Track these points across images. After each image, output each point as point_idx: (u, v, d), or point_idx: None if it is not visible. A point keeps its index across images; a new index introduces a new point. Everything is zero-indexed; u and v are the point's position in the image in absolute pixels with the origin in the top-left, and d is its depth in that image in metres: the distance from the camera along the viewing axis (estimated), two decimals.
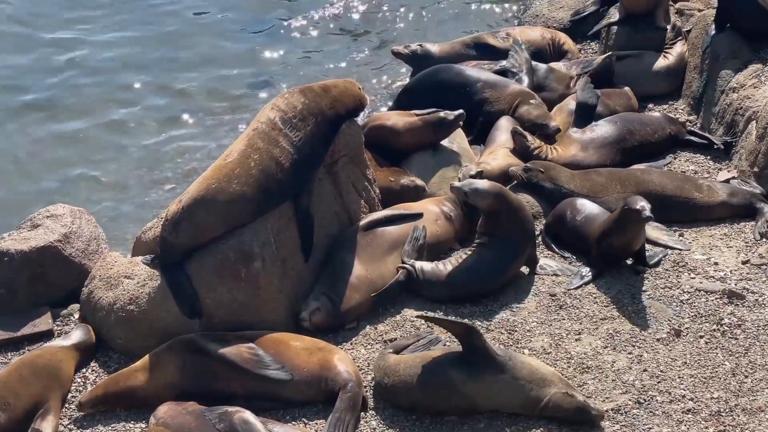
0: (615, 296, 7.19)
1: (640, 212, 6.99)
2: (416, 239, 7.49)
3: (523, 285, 7.40)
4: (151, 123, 11.16)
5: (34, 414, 6.47)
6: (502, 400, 6.14)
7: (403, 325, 7.06)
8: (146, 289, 7.03)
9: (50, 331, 7.28)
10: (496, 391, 6.12)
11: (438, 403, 6.24)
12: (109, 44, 12.87)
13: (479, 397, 6.15)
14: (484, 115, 9.37)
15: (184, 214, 6.91)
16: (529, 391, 6.07)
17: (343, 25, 13.19)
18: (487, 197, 7.29)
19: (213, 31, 13.13)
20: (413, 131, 8.72)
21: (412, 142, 8.75)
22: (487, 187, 7.31)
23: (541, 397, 6.05)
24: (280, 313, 7.08)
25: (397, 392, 6.35)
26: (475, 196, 7.31)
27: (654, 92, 10.01)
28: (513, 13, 12.94)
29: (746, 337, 6.71)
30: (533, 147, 8.76)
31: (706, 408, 6.14)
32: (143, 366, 6.63)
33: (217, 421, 6.03)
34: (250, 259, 6.94)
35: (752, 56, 9.11)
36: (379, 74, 11.73)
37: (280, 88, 11.00)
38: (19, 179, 10.25)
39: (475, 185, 7.35)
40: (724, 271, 7.37)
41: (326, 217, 7.50)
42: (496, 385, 6.10)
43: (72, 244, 7.54)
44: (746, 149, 8.47)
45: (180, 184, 9.79)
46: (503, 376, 6.09)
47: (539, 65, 10.16)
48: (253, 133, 7.15)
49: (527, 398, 6.07)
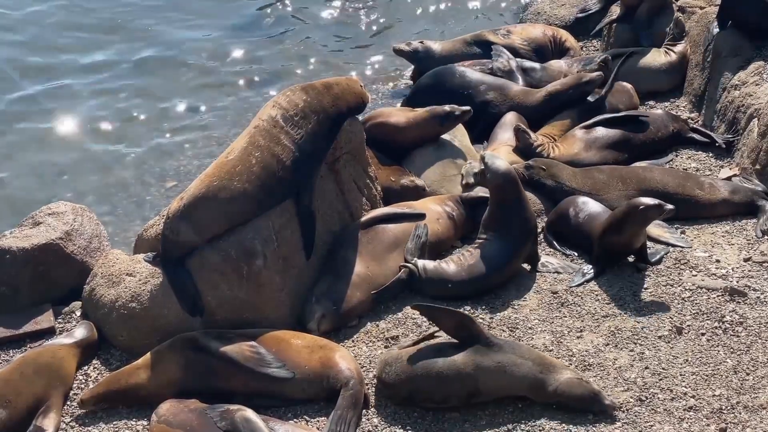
0: (617, 294, 7.19)
1: (661, 206, 7.03)
2: (418, 237, 7.49)
3: (525, 282, 7.41)
4: (153, 120, 11.15)
5: (36, 411, 6.47)
6: (507, 381, 6.12)
7: (404, 323, 7.06)
8: (148, 286, 7.03)
9: (52, 329, 7.28)
10: (501, 370, 6.10)
11: (441, 388, 6.20)
12: (109, 40, 12.86)
13: (483, 378, 6.12)
14: (488, 116, 9.38)
15: (185, 212, 6.91)
16: (537, 372, 6.07)
17: (345, 23, 13.17)
18: (500, 177, 7.32)
19: (215, 29, 13.11)
20: (418, 124, 8.72)
21: (417, 135, 8.75)
22: (504, 168, 7.37)
23: (550, 380, 6.05)
24: (281, 310, 7.08)
25: (399, 381, 6.32)
26: (492, 170, 7.34)
27: (655, 89, 10.01)
28: (512, 11, 12.91)
29: (748, 335, 6.71)
30: (536, 144, 8.77)
31: (708, 405, 6.14)
32: (145, 364, 6.62)
33: (218, 419, 6.03)
34: (252, 257, 6.95)
35: (754, 54, 9.10)
36: (380, 72, 11.73)
37: (282, 86, 10.98)
38: (20, 176, 10.24)
39: (496, 160, 7.41)
40: (726, 269, 7.37)
41: (328, 214, 7.50)
42: (501, 365, 6.10)
43: (74, 242, 7.54)
44: (748, 147, 8.47)
45: (182, 182, 9.77)
46: (508, 356, 6.11)
47: (533, 64, 10.17)
48: (255, 130, 7.15)
49: (535, 379, 6.07)
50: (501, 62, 10.03)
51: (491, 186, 7.43)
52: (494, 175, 7.37)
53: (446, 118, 8.70)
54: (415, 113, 8.81)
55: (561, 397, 6.07)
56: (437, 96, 9.36)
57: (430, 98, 9.31)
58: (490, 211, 7.44)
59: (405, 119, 8.79)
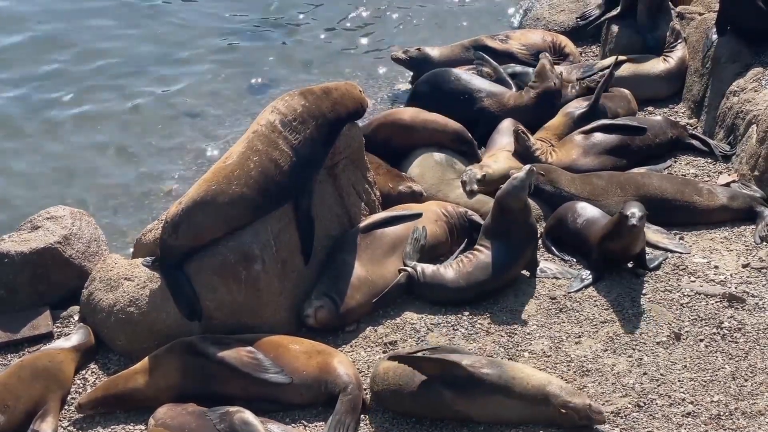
0: (615, 299, 7.19)
1: (628, 218, 7.00)
2: (417, 240, 7.49)
3: (523, 288, 7.40)
4: (151, 125, 11.15)
5: (34, 416, 6.48)
6: (497, 417, 6.11)
7: (403, 328, 7.06)
8: (146, 291, 7.03)
9: (50, 333, 7.28)
10: (490, 410, 6.09)
11: (430, 414, 6.24)
12: (108, 46, 12.87)
13: (474, 413, 6.13)
14: (485, 122, 9.38)
15: (183, 216, 6.91)
16: (523, 408, 6.04)
17: (343, 28, 13.19)
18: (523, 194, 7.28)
19: (214, 34, 13.12)
20: (434, 132, 8.85)
21: (427, 139, 8.86)
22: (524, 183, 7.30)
23: (538, 413, 6.02)
24: (280, 314, 7.08)
25: (386, 400, 6.35)
26: (521, 190, 7.25)
27: (654, 95, 10.02)
28: (509, 17, 12.92)
29: (746, 341, 6.71)
30: (534, 148, 8.77)
31: (706, 411, 6.14)
32: (143, 368, 6.63)
33: (217, 422, 6.04)
34: (251, 261, 6.94)
35: (753, 60, 9.10)
36: (379, 78, 11.73)
37: (281, 91, 10.98)
38: (19, 180, 10.24)
39: (517, 177, 7.31)
40: (725, 275, 7.37)
41: (327, 218, 7.50)
42: (488, 405, 6.08)
43: (72, 246, 7.54)
44: (747, 153, 8.47)
45: (181, 187, 9.78)
46: (495, 397, 6.05)
47: (526, 68, 10.17)
48: (253, 135, 7.15)
49: (522, 415, 6.05)
50: (485, 71, 10.03)
51: (501, 198, 7.35)
52: (523, 192, 7.28)
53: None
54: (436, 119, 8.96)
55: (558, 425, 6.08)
56: (435, 100, 9.37)
57: (427, 102, 9.33)
58: (493, 217, 7.40)
59: (422, 120, 8.96)
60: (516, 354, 6.72)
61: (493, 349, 6.77)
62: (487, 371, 6.08)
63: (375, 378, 6.41)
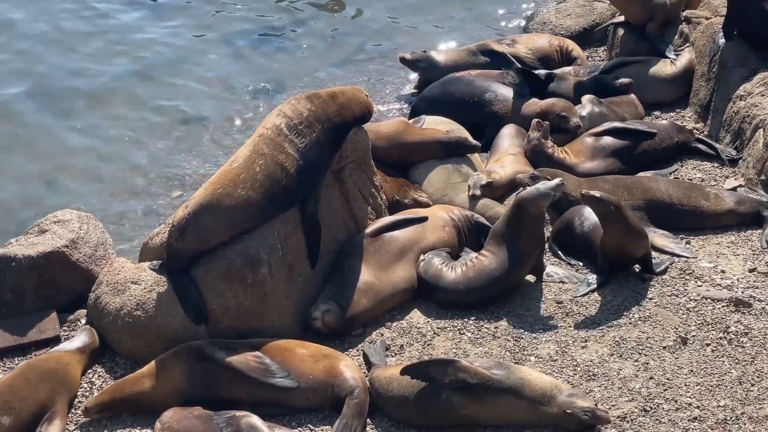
0: (621, 304, 7.18)
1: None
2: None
3: (529, 292, 7.40)
4: (158, 129, 11.16)
5: (41, 418, 6.48)
6: (506, 418, 6.11)
7: (409, 332, 7.06)
8: (153, 294, 7.05)
9: (57, 337, 7.29)
10: (500, 411, 6.08)
11: (437, 422, 6.23)
12: (114, 49, 12.90)
13: (483, 416, 6.13)
14: (495, 126, 9.37)
15: (190, 220, 6.92)
16: (531, 410, 6.04)
17: (350, 32, 13.20)
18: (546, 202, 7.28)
19: (219, 38, 13.14)
20: (425, 149, 8.79)
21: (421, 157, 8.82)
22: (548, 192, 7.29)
23: (544, 415, 6.02)
24: (286, 318, 7.08)
25: (389, 409, 6.36)
26: (545, 198, 7.25)
27: (660, 99, 10.01)
28: (515, 22, 12.94)
29: (753, 345, 6.69)
30: (549, 145, 8.79)
31: (713, 416, 6.13)
32: (149, 372, 6.64)
33: (224, 426, 6.04)
34: (257, 265, 6.95)
35: (759, 64, 9.10)
36: (385, 82, 11.73)
37: (287, 95, 11.00)
38: (26, 184, 10.26)
39: (540, 186, 7.30)
40: (731, 279, 7.35)
41: (333, 223, 7.51)
42: (498, 407, 6.07)
43: (79, 250, 7.55)
44: (753, 157, 8.46)
45: (187, 191, 9.80)
46: (506, 397, 6.05)
47: (563, 70, 10.20)
48: (259, 138, 7.17)
49: (530, 416, 6.05)
50: (509, 79, 9.98)
51: (523, 198, 7.30)
52: (545, 200, 7.27)
53: (456, 146, 8.79)
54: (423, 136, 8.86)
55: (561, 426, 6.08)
56: (444, 105, 9.38)
57: (436, 107, 9.33)
58: (507, 219, 7.34)
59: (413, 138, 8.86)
60: (522, 358, 6.72)
61: (500, 353, 6.77)
62: (496, 372, 6.10)
63: (377, 389, 6.41)
